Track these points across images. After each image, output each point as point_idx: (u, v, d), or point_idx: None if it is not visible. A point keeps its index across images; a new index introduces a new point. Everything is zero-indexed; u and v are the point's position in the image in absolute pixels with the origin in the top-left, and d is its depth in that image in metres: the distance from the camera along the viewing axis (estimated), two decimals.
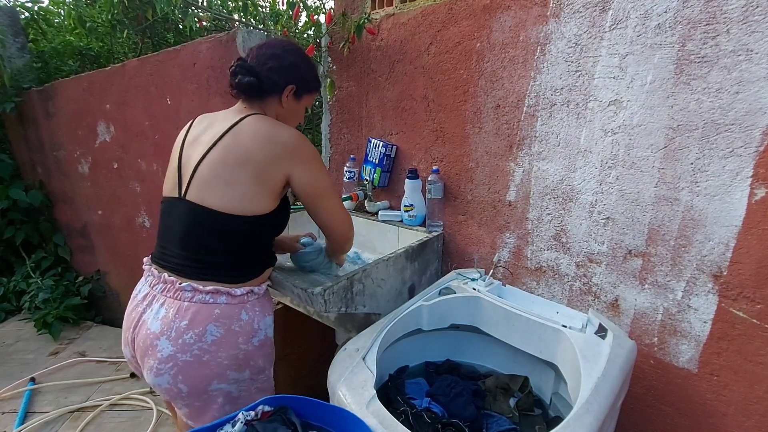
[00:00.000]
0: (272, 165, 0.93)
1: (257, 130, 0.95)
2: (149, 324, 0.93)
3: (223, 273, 0.95)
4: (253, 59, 1.01)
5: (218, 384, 0.94)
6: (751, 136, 0.88)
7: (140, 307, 0.97)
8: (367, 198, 1.60)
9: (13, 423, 1.90)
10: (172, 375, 0.91)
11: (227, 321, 0.93)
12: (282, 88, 1.03)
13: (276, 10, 2.43)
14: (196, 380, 0.92)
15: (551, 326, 1.00)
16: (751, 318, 0.94)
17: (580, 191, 1.14)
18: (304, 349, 1.69)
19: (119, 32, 2.73)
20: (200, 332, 0.91)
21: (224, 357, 0.93)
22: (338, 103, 1.72)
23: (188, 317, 0.91)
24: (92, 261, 3.10)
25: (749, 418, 0.98)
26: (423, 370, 1.20)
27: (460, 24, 1.29)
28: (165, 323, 0.91)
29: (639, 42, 0.99)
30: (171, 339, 0.90)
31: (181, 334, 0.90)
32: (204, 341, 0.91)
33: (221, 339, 0.93)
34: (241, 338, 0.95)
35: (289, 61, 1.02)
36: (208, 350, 0.92)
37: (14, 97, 2.89)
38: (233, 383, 0.97)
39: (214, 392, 0.95)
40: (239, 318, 0.95)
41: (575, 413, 0.75)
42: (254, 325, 0.98)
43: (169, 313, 0.92)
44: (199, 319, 0.91)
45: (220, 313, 0.93)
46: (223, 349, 0.93)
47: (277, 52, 1.01)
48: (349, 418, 0.76)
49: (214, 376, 0.93)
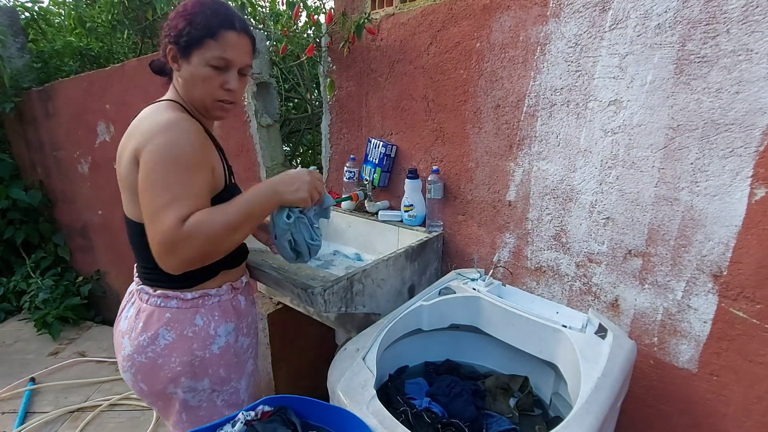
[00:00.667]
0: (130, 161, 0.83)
1: (134, 123, 0.87)
2: (121, 321, 0.96)
3: (166, 278, 0.86)
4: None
5: (174, 389, 0.92)
6: (751, 136, 0.88)
7: (123, 302, 0.99)
8: (367, 198, 1.60)
9: (13, 423, 1.90)
10: (132, 374, 0.92)
11: (178, 325, 0.90)
12: (165, 54, 0.87)
13: (276, 10, 2.43)
14: (152, 382, 0.91)
15: (551, 326, 1.00)
16: (751, 318, 0.94)
17: (580, 191, 1.14)
18: (304, 349, 1.69)
19: (119, 32, 2.73)
20: (153, 335, 0.89)
21: (177, 363, 0.90)
22: (338, 103, 1.72)
23: (143, 319, 0.90)
24: (92, 261, 3.11)
25: (749, 418, 0.98)
26: (423, 370, 1.20)
27: (460, 24, 1.29)
28: (129, 323, 0.93)
29: (639, 42, 0.99)
30: (131, 339, 0.91)
31: (138, 335, 0.90)
32: (157, 344, 0.89)
33: (173, 344, 0.89)
34: (196, 344, 0.91)
35: (169, 17, 0.86)
36: (161, 354, 0.89)
37: (14, 97, 2.89)
38: (188, 391, 0.92)
39: (171, 395, 0.93)
40: (192, 323, 0.91)
41: (575, 413, 0.75)
42: (210, 330, 0.92)
43: (132, 313, 0.93)
44: (152, 322, 0.90)
45: (171, 317, 0.90)
46: (176, 354, 0.89)
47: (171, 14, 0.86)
48: (349, 418, 0.76)
49: (168, 381, 0.91)
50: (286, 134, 2.53)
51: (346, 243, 1.67)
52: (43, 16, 3.15)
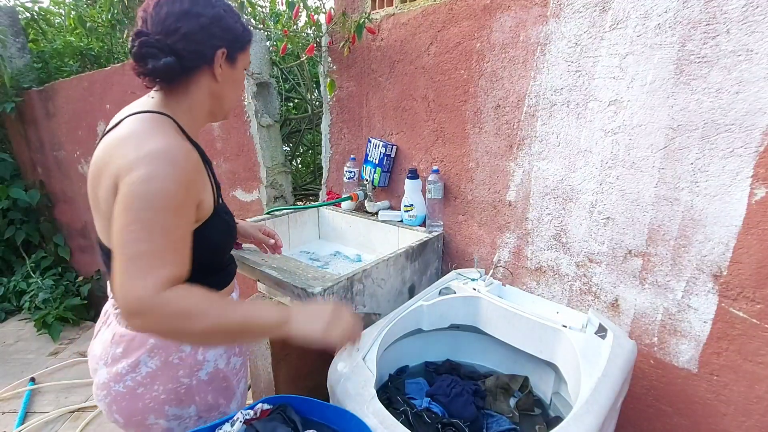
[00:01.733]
0: (109, 191, 0.70)
1: (114, 138, 0.72)
2: (94, 345, 0.85)
3: None
4: (157, 27, 0.72)
5: (156, 419, 0.83)
6: (751, 136, 0.88)
7: (98, 324, 0.89)
8: (367, 198, 1.60)
9: (13, 423, 1.90)
10: (107, 404, 0.83)
11: (163, 352, 0.80)
12: (211, 57, 0.77)
13: (276, 10, 2.43)
14: (129, 413, 0.82)
15: (551, 326, 1.00)
16: (751, 318, 0.94)
17: (580, 191, 1.14)
18: (304, 349, 1.68)
19: (119, 32, 2.73)
20: (133, 363, 0.79)
21: (161, 391, 0.81)
22: (338, 103, 1.72)
23: (123, 344, 0.80)
24: (92, 261, 3.11)
25: (749, 417, 0.98)
26: (423, 370, 1.20)
27: (460, 24, 1.29)
28: (104, 347, 0.82)
29: (639, 42, 0.99)
30: (107, 365, 0.81)
31: (115, 361, 0.80)
32: (138, 372, 0.79)
33: (156, 371, 0.80)
34: (182, 371, 0.82)
35: (210, 17, 0.74)
36: (142, 383, 0.80)
37: (14, 97, 2.89)
38: (173, 419, 0.84)
39: (152, 426, 0.84)
40: (179, 349, 0.82)
41: (575, 413, 0.75)
42: (198, 356, 0.84)
43: (107, 338, 0.82)
44: (132, 348, 0.79)
45: (155, 343, 0.79)
46: (160, 382, 0.81)
47: (185, 7, 0.73)
48: (349, 418, 0.76)
49: (149, 411, 0.81)
50: (286, 134, 2.53)
51: (346, 243, 1.67)
52: (43, 16, 3.16)
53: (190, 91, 0.79)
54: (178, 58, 0.73)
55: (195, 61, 0.76)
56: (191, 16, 0.73)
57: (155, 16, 0.72)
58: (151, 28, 0.73)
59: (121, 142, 0.71)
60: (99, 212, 0.76)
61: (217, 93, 0.81)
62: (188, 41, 0.73)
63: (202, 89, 0.79)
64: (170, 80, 0.76)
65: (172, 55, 0.72)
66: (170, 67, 0.73)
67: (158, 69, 0.72)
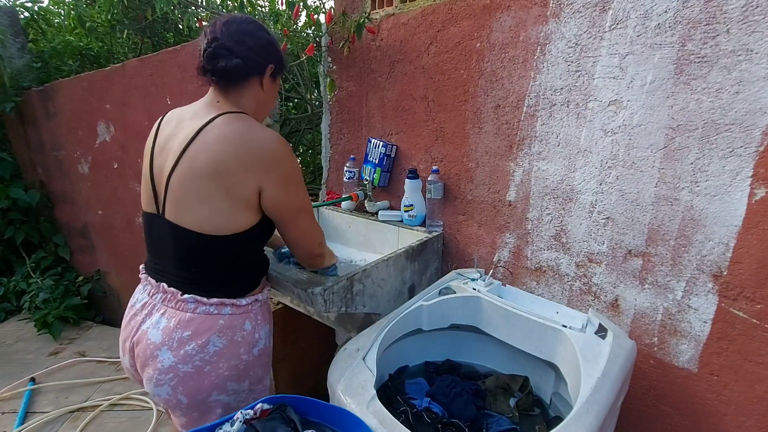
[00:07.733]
0: (244, 177, 0.85)
1: (228, 135, 0.85)
2: (149, 334, 0.91)
3: (225, 287, 0.93)
4: (228, 38, 0.89)
5: (218, 395, 0.93)
6: (751, 136, 0.88)
7: (139, 317, 0.94)
8: (367, 198, 1.60)
9: (13, 423, 1.90)
10: (173, 386, 0.90)
11: (230, 331, 0.92)
12: (263, 69, 0.94)
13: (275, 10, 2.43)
14: (195, 391, 0.90)
15: (551, 326, 1.00)
16: (751, 318, 0.94)
17: (580, 191, 1.14)
18: (304, 349, 1.69)
19: (119, 32, 2.73)
20: (203, 343, 0.89)
21: (225, 368, 0.92)
22: (338, 103, 1.72)
23: (191, 328, 0.89)
24: (92, 261, 3.11)
25: (749, 417, 0.98)
26: (423, 370, 1.20)
27: (460, 24, 1.29)
28: (166, 333, 0.89)
29: (639, 42, 0.99)
30: (172, 349, 0.88)
31: (183, 344, 0.88)
32: (206, 352, 0.89)
33: (223, 350, 0.91)
34: (243, 348, 0.94)
35: (266, 39, 0.94)
36: (209, 361, 0.90)
37: (14, 97, 2.89)
38: (232, 394, 0.95)
39: (212, 403, 0.93)
40: (242, 328, 0.94)
41: (575, 413, 0.75)
42: (255, 334, 0.97)
43: (171, 324, 0.89)
44: (203, 330, 0.89)
45: (224, 323, 0.91)
46: (225, 359, 0.91)
47: (249, 28, 0.91)
48: (349, 418, 0.76)
49: (213, 388, 0.91)
50: (286, 134, 2.53)
51: (346, 243, 1.67)
52: (43, 16, 3.15)
53: (243, 95, 0.94)
54: (243, 63, 0.89)
55: (253, 69, 0.92)
56: (254, 35, 0.91)
57: (225, 30, 0.89)
58: (224, 38, 0.88)
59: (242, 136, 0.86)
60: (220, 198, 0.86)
61: (262, 101, 0.98)
62: (251, 52, 0.90)
63: (252, 94, 0.95)
64: (232, 80, 0.91)
65: (240, 59, 0.89)
66: (238, 66, 0.89)
67: (228, 67, 0.88)
